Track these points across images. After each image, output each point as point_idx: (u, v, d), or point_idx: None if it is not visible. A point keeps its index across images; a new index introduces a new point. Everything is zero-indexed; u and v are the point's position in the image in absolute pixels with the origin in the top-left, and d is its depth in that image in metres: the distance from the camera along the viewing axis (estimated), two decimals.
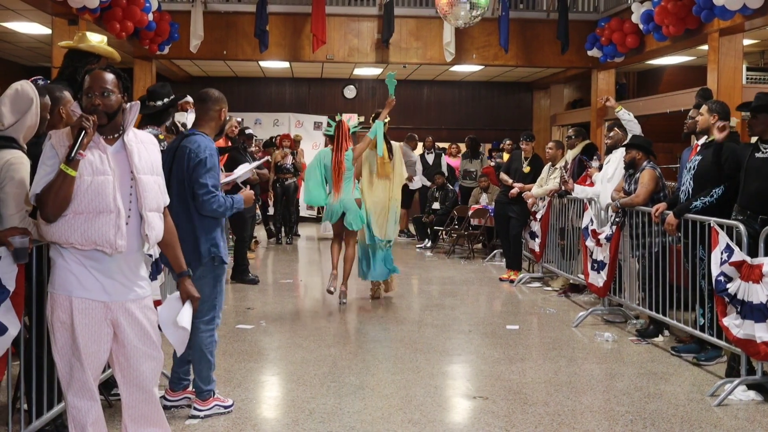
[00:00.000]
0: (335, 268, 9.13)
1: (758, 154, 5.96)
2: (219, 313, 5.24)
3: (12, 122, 4.18)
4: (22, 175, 4.06)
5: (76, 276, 3.66)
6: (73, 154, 3.52)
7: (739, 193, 6.10)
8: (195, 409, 5.17)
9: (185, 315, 4.11)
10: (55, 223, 3.59)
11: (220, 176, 5.15)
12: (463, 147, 16.30)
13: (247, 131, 11.38)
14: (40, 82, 5.06)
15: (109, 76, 3.75)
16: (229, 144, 10.21)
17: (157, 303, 4.20)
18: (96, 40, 5.42)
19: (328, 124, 9.10)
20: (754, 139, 6.24)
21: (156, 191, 3.84)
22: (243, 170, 5.81)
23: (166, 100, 5.97)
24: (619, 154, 8.56)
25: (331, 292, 9.02)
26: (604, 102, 9.59)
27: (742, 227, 5.86)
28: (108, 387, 5.30)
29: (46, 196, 3.55)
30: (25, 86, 4.29)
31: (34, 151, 4.15)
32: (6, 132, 4.17)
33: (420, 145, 16.64)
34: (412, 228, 16.18)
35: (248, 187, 5.79)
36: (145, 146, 3.84)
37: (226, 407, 5.25)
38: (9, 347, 3.95)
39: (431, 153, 15.93)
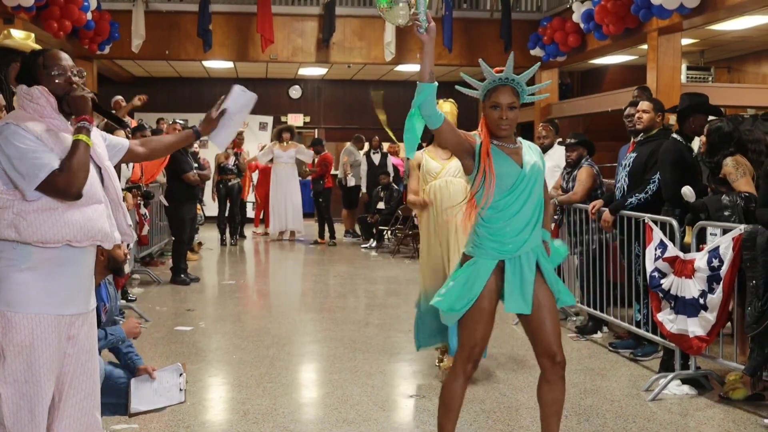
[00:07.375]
0: None
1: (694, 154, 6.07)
2: None
3: None
4: None
5: (41, 289, 3.21)
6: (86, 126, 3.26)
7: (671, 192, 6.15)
8: None
9: None
10: (49, 219, 3.16)
11: None
12: (402, 146, 16.30)
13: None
14: None
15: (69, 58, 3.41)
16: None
17: None
18: (20, 36, 5.31)
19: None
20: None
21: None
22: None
23: None
24: (554, 152, 8.62)
25: None
26: None
27: (675, 223, 5.93)
28: None
29: (68, 168, 3.15)
30: None
31: None
32: None
33: (366, 144, 16.57)
34: (357, 228, 16.14)
35: None
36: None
37: None
38: None
39: (377, 153, 15.87)
